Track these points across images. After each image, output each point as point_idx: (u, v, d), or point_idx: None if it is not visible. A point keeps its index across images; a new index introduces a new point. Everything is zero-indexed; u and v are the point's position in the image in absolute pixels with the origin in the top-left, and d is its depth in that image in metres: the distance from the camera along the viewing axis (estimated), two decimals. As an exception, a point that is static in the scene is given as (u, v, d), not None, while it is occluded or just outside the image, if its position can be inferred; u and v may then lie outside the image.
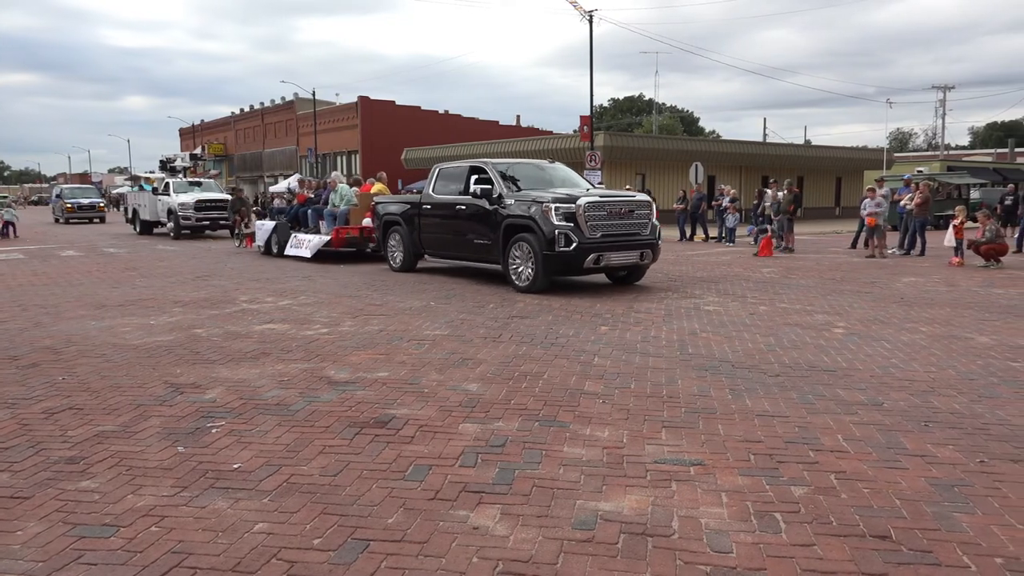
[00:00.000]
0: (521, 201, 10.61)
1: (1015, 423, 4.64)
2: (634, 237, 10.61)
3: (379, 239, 14.45)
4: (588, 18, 30.76)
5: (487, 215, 11.11)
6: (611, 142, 34.28)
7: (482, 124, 61.88)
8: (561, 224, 10.05)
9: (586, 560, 2.96)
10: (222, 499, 3.57)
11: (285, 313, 8.99)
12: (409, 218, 13.23)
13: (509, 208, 10.73)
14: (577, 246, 10.01)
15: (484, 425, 4.65)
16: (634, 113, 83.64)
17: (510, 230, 10.70)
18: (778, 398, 5.22)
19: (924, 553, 3.00)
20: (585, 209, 10.12)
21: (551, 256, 10.09)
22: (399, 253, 13.71)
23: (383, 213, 14.10)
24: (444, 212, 12.34)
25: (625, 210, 10.55)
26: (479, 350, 6.81)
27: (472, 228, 11.56)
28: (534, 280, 10.37)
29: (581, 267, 10.22)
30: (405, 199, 13.95)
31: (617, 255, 10.46)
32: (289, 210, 18.68)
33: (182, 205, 24.05)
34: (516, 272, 10.66)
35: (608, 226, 10.35)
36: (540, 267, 10.23)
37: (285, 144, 65.89)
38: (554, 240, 10.03)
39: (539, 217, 10.19)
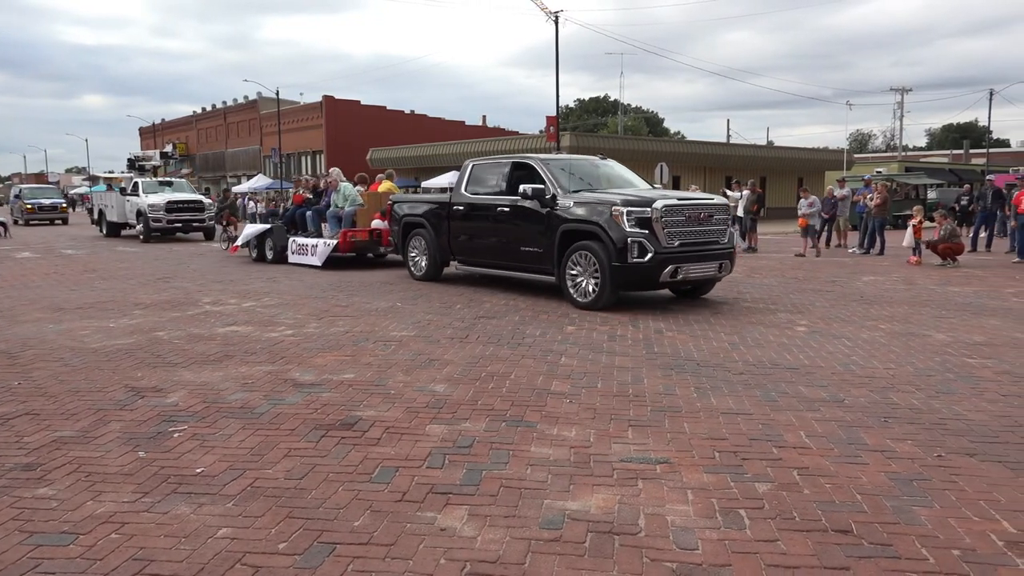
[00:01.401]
0: (582, 203, 9.21)
1: (971, 418, 4.76)
2: (713, 246, 9.24)
3: (397, 244, 12.84)
4: (554, 19, 30.88)
5: (539, 219, 9.65)
6: (577, 143, 34.41)
7: (448, 124, 61.78)
8: (634, 231, 8.64)
9: (554, 560, 2.97)
10: (184, 504, 3.51)
11: (249, 315, 8.88)
12: (436, 221, 11.64)
13: (567, 211, 9.32)
14: (653, 257, 8.60)
15: (451, 426, 4.63)
16: (600, 114, 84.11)
17: (568, 237, 9.28)
18: (742, 396, 5.29)
19: (884, 546, 3.06)
20: (663, 213, 8.72)
21: (622, 268, 8.67)
22: (422, 259, 12.11)
23: (402, 215, 12.49)
24: (481, 214, 10.80)
25: (705, 214, 9.17)
26: (446, 351, 6.79)
27: (518, 233, 10.06)
28: (599, 295, 8.88)
29: (656, 281, 8.85)
30: (430, 199, 12.60)
31: (696, 267, 9.05)
32: (284, 212, 17.34)
33: (152, 206, 22.90)
34: (576, 286, 9.20)
35: (686, 233, 8.94)
36: (607, 281, 8.76)
37: (248, 144, 65.09)
38: (626, 249, 8.61)
39: (607, 222, 8.76)
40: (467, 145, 45.27)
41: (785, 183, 44.44)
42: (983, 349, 6.81)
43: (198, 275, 13.42)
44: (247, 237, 16.59)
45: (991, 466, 3.94)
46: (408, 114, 61.55)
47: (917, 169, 43.72)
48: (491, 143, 43.57)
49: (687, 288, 9.89)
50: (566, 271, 9.28)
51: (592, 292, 8.98)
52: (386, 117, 58.09)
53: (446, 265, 11.97)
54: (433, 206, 11.86)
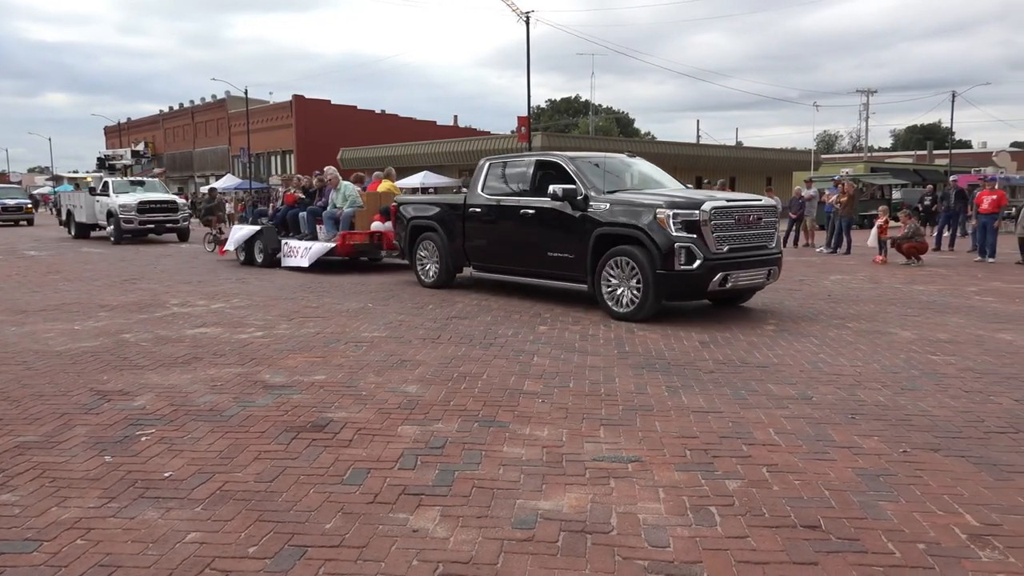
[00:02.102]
0: (620, 205, 8.47)
1: (935, 414, 4.85)
2: (762, 251, 8.54)
3: (403, 248, 11.90)
4: (525, 19, 30.92)
5: (569, 222, 8.90)
6: (549, 143, 34.50)
7: (420, 124, 61.64)
8: (681, 235, 7.88)
9: (526, 559, 2.97)
10: (152, 509, 3.46)
11: (218, 316, 8.77)
12: (449, 224, 10.82)
13: (602, 214, 8.56)
14: (702, 264, 7.86)
15: (423, 427, 4.62)
16: (571, 114, 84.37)
17: (604, 241, 8.53)
18: (712, 394, 5.34)
19: (851, 541, 3.11)
20: (712, 216, 7.98)
21: (668, 276, 7.93)
22: (432, 265, 11.17)
23: (410, 217, 11.54)
24: (502, 217, 9.99)
25: (754, 217, 8.47)
26: (418, 351, 6.77)
27: (545, 237, 9.30)
28: (640, 305, 8.13)
29: (704, 290, 8.13)
30: (442, 200, 11.68)
31: (746, 274, 8.32)
32: (275, 213, 16.27)
33: (123, 207, 21.96)
34: (612, 294, 8.46)
35: (736, 238, 8.25)
36: (650, 289, 8.03)
37: (217, 143, 64.36)
38: (672, 255, 7.85)
39: (650, 226, 8.00)
40: (438, 145, 45.19)
41: (754, 183, 44.90)
42: (947, 346, 6.94)
43: (166, 276, 13.23)
44: (236, 240, 15.62)
45: (955, 461, 4.02)
46: (379, 114, 61.30)
47: (882, 170, 44.45)
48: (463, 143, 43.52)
49: (726, 296, 9.05)
50: (601, 279, 8.53)
51: (632, 302, 8.24)
52: (357, 117, 57.80)
53: (459, 271, 11.17)
54: (445, 208, 11.05)
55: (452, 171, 44.57)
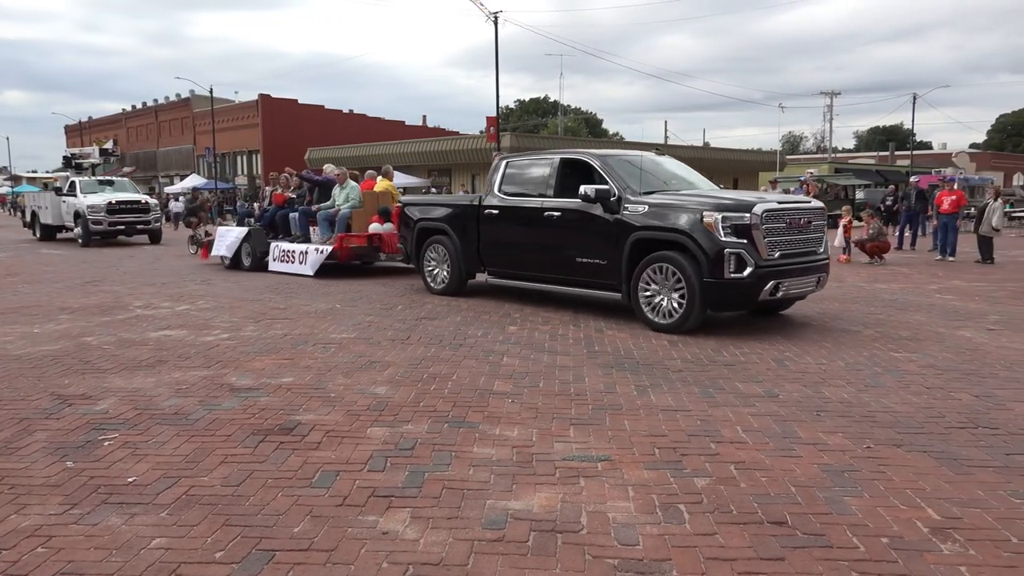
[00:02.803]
0: (659, 207, 7.80)
1: (897, 410, 4.94)
2: (811, 257, 7.93)
3: (409, 252, 11.10)
4: (493, 19, 30.92)
5: (602, 225, 8.22)
6: (518, 143, 34.56)
7: (388, 124, 61.33)
8: (730, 241, 7.24)
9: (497, 559, 2.97)
10: (116, 515, 3.40)
11: (183, 319, 8.64)
12: (462, 226, 10.09)
13: (639, 217, 7.87)
14: (753, 271, 7.21)
15: (393, 428, 4.60)
16: (540, 115, 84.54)
17: (642, 247, 7.86)
18: (681, 393, 5.38)
19: (817, 536, 3.15)
20: (763, 219, 7.33)
21: (716, 285, 7.27)
22: (442, 270, 10.49)
23: (417, 219, 10.77)
24: (523, 220, 9.29)
25: (805, 220, 7.83)
26: (387, 352, 6.73)
27: (573, 242, 8.59)
28: (685, 316, 7.47)
29: (755, 299, 7.46)
30: (454, 201, 10.99)
31: (797, 282, 7.68)
32: (262, 213, 15.30)
33: (92, 207, 21.08)
34: (651, 304, 7.77)
35: (787, 243, 7.60)
36: (695, 299, 7.36)
37: (181, 143, 63.47)
38: (721, 262, 7.21)
39: (696, 230, 7.35)
40: (407, 145, 45.04)
41: (721, 183, 45.36)
42: (909, 344, 7.07)
43: (129, 278, 13.01)
44: (228, 245, 14.63)
45: (917, 456, 4.09)
46: (347, 113, 60.88)
47: (846, 170, 45.20)
48: (431, 143, 43.42)
49: (773, 305, 8.42)
50: (639, 287, 7.85)
51: (674, 312, 7.57)
52: (324, 116, 57.36)
53: (471, 277, 10.46)
54: (458, 209, 10.33)
55: (421, 171, 44.46)
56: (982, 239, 15.65)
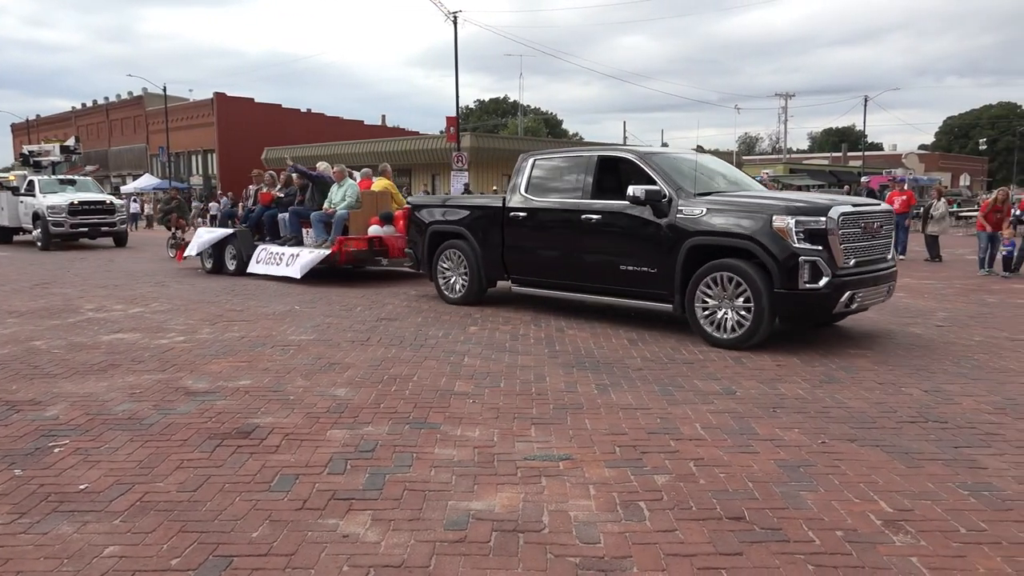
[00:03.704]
0: (720, 210, 7.07)
1: (851, 405, 5.04)
2: (882, 264, 7.28)
3: (419, 257, 10.17)
4: (452, 19, 30.86)
5: (650, 230, 7.48)
6: (477, 143, 34.56)
7: (346, 124, 60.81)
8: (804, 247, 6.57)
9: (459, 560, 2.96)
10: (67, 523, 3.31)
11: (136, 321, 8.46)
12: (483, 230, 9.28)
13: (694, 220, 7.14)
14: (830, 281, 6.53)
15: (353, 430, 4.56)
16: (500, 115, 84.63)
17: (699, 254, 7.13)
18: (641, 391, 5.43)
19: (774, 531, 3.20)
20: (841, 223, 6.70)
21: (788, 297, 6.59)
22: (459, 278, 9.62)
23: (430, 222, 9.91)
24: (555, 223, 8.50)
25: (877, 225, 7.20)
26: (347, 354, 6.67)
27: (616, 248, 7.84)
28: (751, 330, 6.75)
29: (831, 312, 6.84)
30: (473, 202, 10.03)
31: (870, 292, 7.05)
32: (248, 213, 14.29)
33: (52, 208, 19.84)
34: (710, 317, 7.05)
35: (861, 249, 6.95)
36: (764, 312, 6.66)
37: (134, 142, 62.17)
38: (796, 271, 6.54)
39: (765, 236, 6.66)
40: (366, 145, 44.72)
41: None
42: (861, 341, 7.23)
43: (80, 280, 12.69)
44: (202, 244, 13.71)
45: (869, 450, 4.19)
46: (304, 113, 60.24)
47: (801, 171, 46.08)
48: (391, 143, 43.19)
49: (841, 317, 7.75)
50: (695, 299, 7.13)
51: (738, 326, 6.86)
52: (281, 116, 56.66)
53: (492, 285, 9.68)
54: (478, 212, 9.49)
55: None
56: (929, 238, 16.08)
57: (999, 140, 77.24)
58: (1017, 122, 77.33)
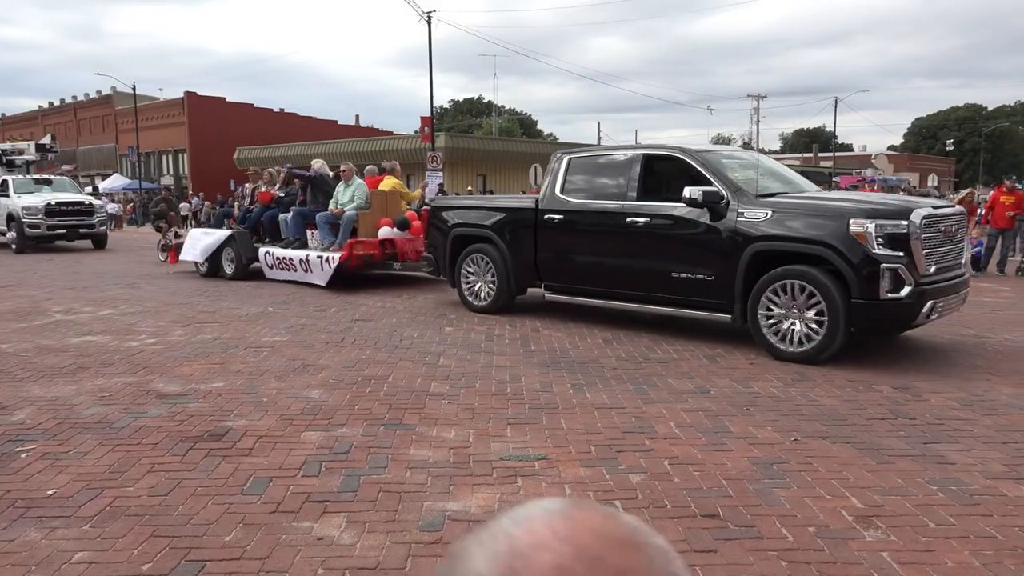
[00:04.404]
0: (786, 213, 6.53)
1: (823, 403, 5.11)
2: (958, 271, 6.79)
3: (440, 262, 9.44)
4: (426, 19, 30.79)
5: (707, 234, 6.92)
6: (452, 143, 34.50)
7: (320, 123, 60.34)
8: (885, 253, 6.03)
9: (435, 562, 2.96)
10: (35, 530, 3.25)
11: (106, 324, 8.34)
12: (513, 233, 8.63)
13: (757, 224, 6.60)
14: (912, 290, 6.01)
15: (327, 432, 4.53)
16: (474, 115, 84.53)
17: (763, 260, 6.60)
18: (616, 390, 5.45)
19: (748, 528, 3.23)
20: (923, 227, 6.18)
21: (868, 307, 6.06)
22: (485, 284, 8.97)
23: (453, 224, 9.24)
24: (597, 226, 7.91)
25: (955, 228, 6.74)
26: (321, 355, 6.63)
27: (667, 253, 7.27)
28: (824, 343, 6.21)
29: (912, 322, 6.34)
30: (502, 203, 9.36)
31: (949, 300, 6.52)
32: (247, 214, 13.40)
33: (28, 209, 18.87)
34: (775, 328, 6.51)
35: (940, 255, 6.45)
36: (839, 323, 6.12)
37: (103, 141, 61.25)
38: (876, 280, 6.00)
39: (841, 241, 6.13)
40: (340, 145, 44.44)
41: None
42: (832, 339, 7.31)
43: (47, 282, 12.47)
44: (204, 249, 12.86)
45: (841, 447, 4.24)
46: (277, 112, 59.70)
47: (772, 171, 46.42)
48: (365, 143, 42.96)
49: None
50: (759, 309, 6.57)
51: (809, 338, 6.31)
52: (253, 115, 56.10)
53: (522, 292, 8.98)
54: (508, 214, 8.79)
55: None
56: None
57: (965, 141, 78.58)
58: (983, 124, 78.77)
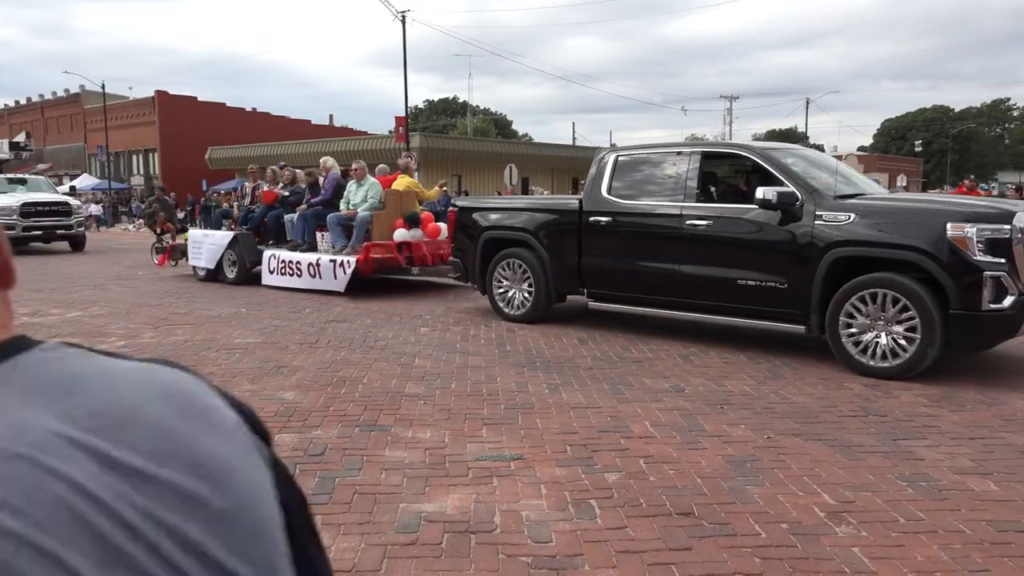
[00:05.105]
0: (873, 216, 6.03)
1: (795, 401, 5.16)
2: None
3: (469, 267, 8.88)
4: (401, 18, 30.69)
5: (780, 239, 6.43)
6: (427, 143, 34.41)
7: (293, 123, 59.89)
8: (986, 260, 5.51)
9: (410, 563, 2.94)
10: None
11: (75, 326, 8.21)
12: (554, 236, 8.07)
13: (839, 227, 6.08)
14: (1017, 300, 5.49)
15: (302, 434, 4.49)
16: (449, 115, 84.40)
17: (845, 267, 6.08)
18: (591, 390, 5.47)
19: (722, 525, 3.26)
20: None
21: (968, 319, 5.54)
22: (520, 291, 8.38)
23: (485, 227, 8.69)
24: (651, 229, 7.32)
25: None
26: (295, 357, 6.58)
27: (733, 259, 6.74)
28: (917, 358, 5.68)
29: (1013, 336, 5.79)
30: (540, 203, 8.87)
31: None
32: (248, 214, 12.56)
33: (1, 210, 18.15)
34: (855, 338, 5.96)
35: None
36: (934, 337, 5.61)
37: (71, 141, 60.31)
38: (978, 289, 5.49)
39: (937, 246, 5.62)
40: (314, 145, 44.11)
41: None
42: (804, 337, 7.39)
43: (14, 284, 12.21)
44: (210, 253, 12.16)
45: (813, 444, 4.29)
46: (250, 112, 59.17)
47: (745, 171, 46.87)
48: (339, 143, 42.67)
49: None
50: (839, 319, 6.03)
51: (897, 353, 5.77)
52: (225, 114, 55.56)
53: (562, 300, 8.47)
54: (548, 215, 8.23)
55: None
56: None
57: (933, 142, 79.90)
58: (950, 125, 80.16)
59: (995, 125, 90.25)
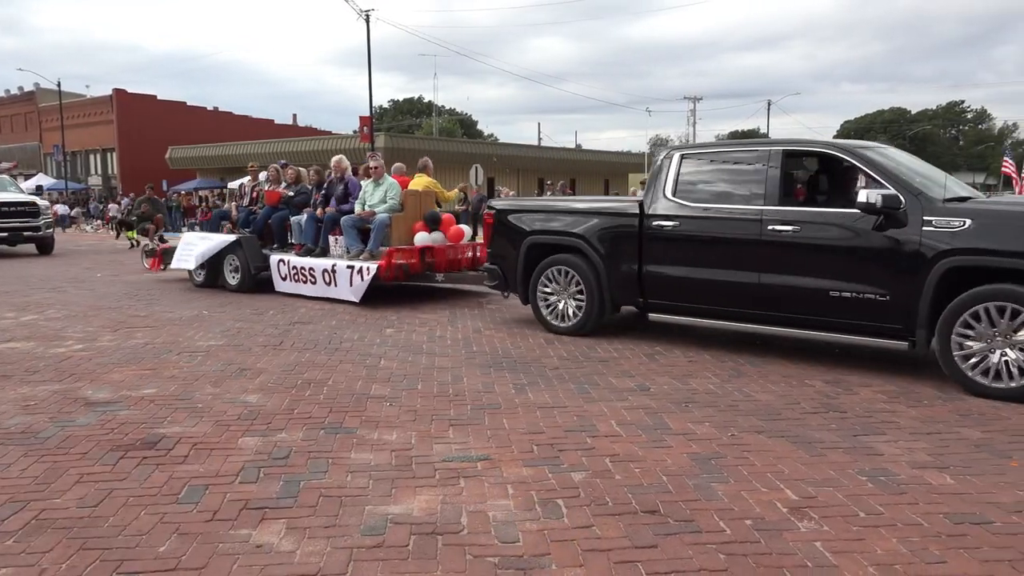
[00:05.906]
0: (991, 220, 5.43)
1: (758, 398, 5.23)
2: None
3: (508, 276, 8.12)
4: (364, 17, 30.49)
5: (884, 246, 5.79)
6: (392, 143, 34.26)
7: (255, 122, 59.23)
8: None
9: (377, 566, 2.93)
10: (-47, 546, 3.10)
11: (30, 329, 8.01)
12: (609, 241, 7.32)
13: (951, 234, 5.46)
14: None
15: (266, 437, 4.44)
16: (414, 115, 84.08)
17: (959, 277, 5.46)
18: (558, 390, 5.48)
19: (687, 522, 3.29)
20: None
21: None
22: (569, 301, 7.63)
23: (531, 231, 7.91)
24: (724, 235, 6.62)
25: None
26: (259, 359, 6.50)
27: (825, 267, 6.06)
28: None
29: None
30: (594, 205, 7.91)
31: None
32: (251, 216, 11.71)
33: None
34: (969, 356, 5.35)
35: None
36: None
37: (25, 140, 58.93)
38: None
39: None
40: (277, 144, 43.69)
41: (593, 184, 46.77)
42: (768, 337, 7.49)
43: (-34, 287, 11.92)
44: (201, 254, 11.26)
45: (776, 441, 4.35)
46: (211, 111, 58.39)
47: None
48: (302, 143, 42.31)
49: None
50: (953, 334, 5.42)
51: (1012, 373, 5.19)
52: (186, 113, 54.77)
53: (617, 311, 7.76)
54: (604, 219, 7.43)
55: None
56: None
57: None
58: (907, 127, 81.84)
59: (950, 127, 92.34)
